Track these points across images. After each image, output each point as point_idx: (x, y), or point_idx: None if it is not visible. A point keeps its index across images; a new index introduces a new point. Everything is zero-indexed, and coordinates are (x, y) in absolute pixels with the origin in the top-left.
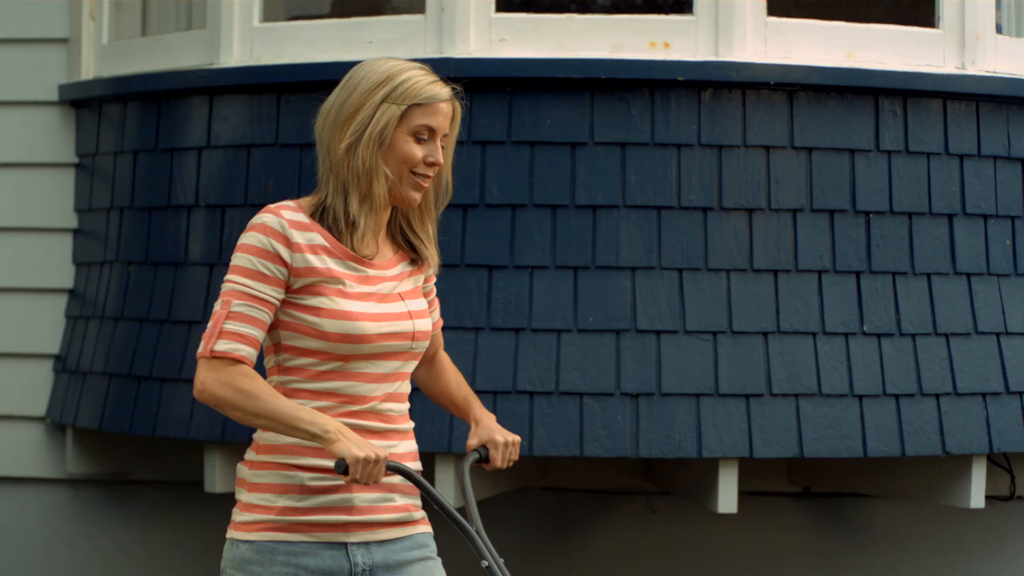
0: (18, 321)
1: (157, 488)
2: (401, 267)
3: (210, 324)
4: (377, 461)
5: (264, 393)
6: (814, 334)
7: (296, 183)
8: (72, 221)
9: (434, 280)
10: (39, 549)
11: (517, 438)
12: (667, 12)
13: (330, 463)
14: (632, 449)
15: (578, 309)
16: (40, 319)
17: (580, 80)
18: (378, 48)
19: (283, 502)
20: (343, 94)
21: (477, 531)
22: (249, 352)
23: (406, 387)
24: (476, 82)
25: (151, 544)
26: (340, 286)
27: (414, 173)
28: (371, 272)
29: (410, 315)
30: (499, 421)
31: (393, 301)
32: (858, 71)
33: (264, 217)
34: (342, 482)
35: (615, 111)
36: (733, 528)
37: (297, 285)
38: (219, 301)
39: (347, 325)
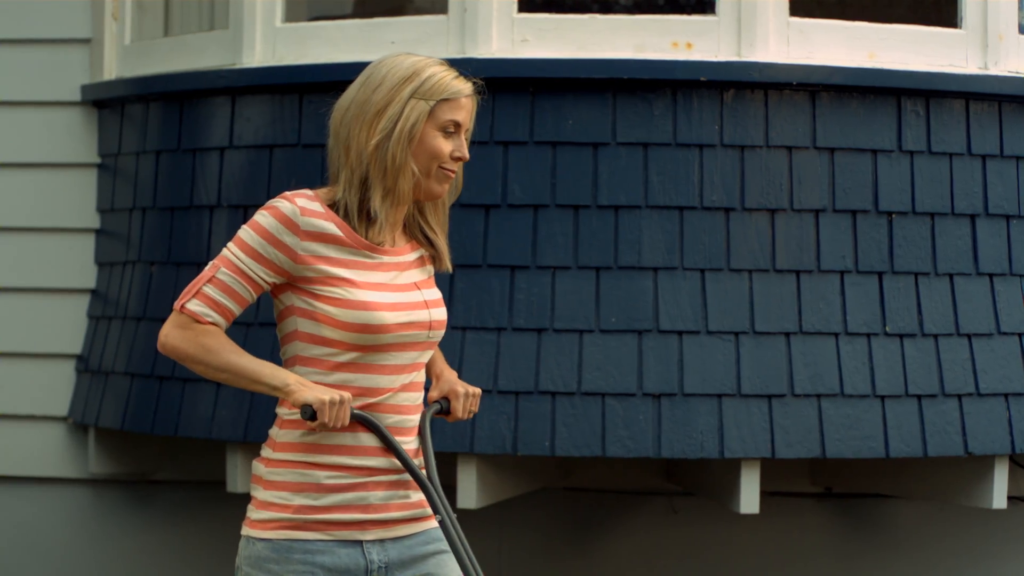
0: (41, 321)
1: (179, 488)
2: (414, 255)
3: (193, 281)
4: (343, 402)
5: (227, 349)
6: (836, 335)
7: (319, 183)
8: (94, 221)
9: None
10: (61, 549)
11: (478, 390)
12: (689, 12)
13: (348, 460)
14: (654, 449)
15: (600, 309)
16: (62, 319)
17: (602, 80)
18: (400, 48)
19: (299, 500)
20: (365, 90)
21: (433, 485)
22: (218, 320)
23: (421, 376)
24: (498, 82)
25: (173, 544)
26: (352, 275)
27: (441, 167)
28: (385, 259)
29: (426, 304)
30: (521, 421)
31: (409, 290)
32: (880, 71)
33: (279, 202)
34: (359, 480)
35: (637, 111)
36: (755, 529)
37: (308, 274)
38: (212, 263)
39: (364, 315)
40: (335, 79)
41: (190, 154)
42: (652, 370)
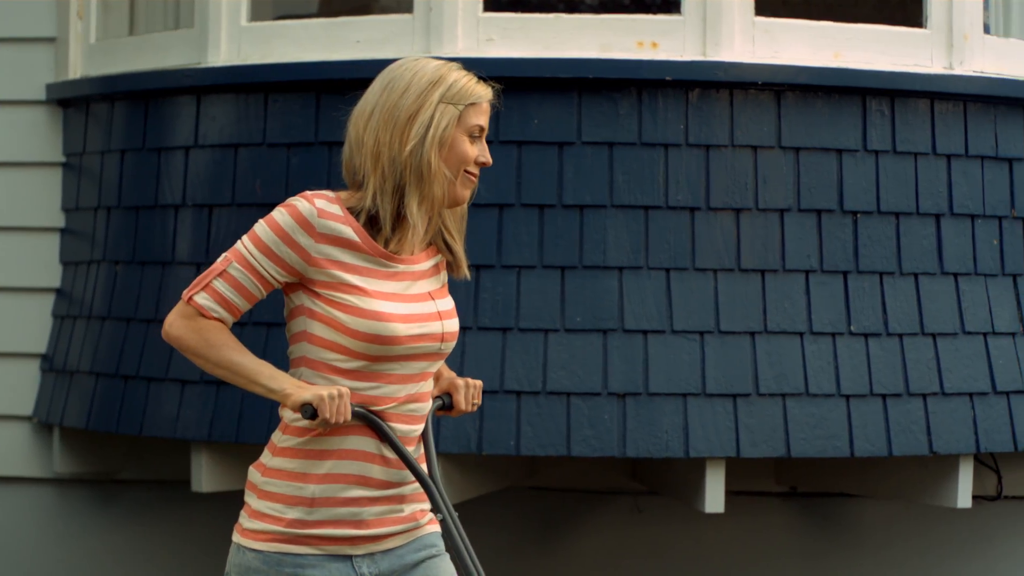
0: (5, 320)
1: (144, 487)
2: (429, 263)
3: (205, 272)
4: (341, 396)
5: (228, 345)
6: (801, 334)
7: (284, 182)
8: (59, 220)
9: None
10: (26, 548)
11: (479, 382)
12: (655, 12)
13: (347, 467)
14: (619, 449)
15: (565, 309)
16: (27, 318)
17: (568, 80)
18: (366, 48)
19: (293, 514)
20: (390, 95)
21: (435, 483)
22: (224, 316)
23: (428, 386)
24: None
25: (138, 543)
26: (364, 284)
27: (466, 172)
28: (400, 268)
29: (439, 315)
30: (486, 421)
31: (423, 301)
32: (846, 71)
33: (298, 201)
34: (352, 494)
35: (603, 111)
36: (720, 528)
37: (320, 277)
38: (224, 255)
39: (376, 326)
40: (300, 78)
41: (155, 153)
42: (617, 369)
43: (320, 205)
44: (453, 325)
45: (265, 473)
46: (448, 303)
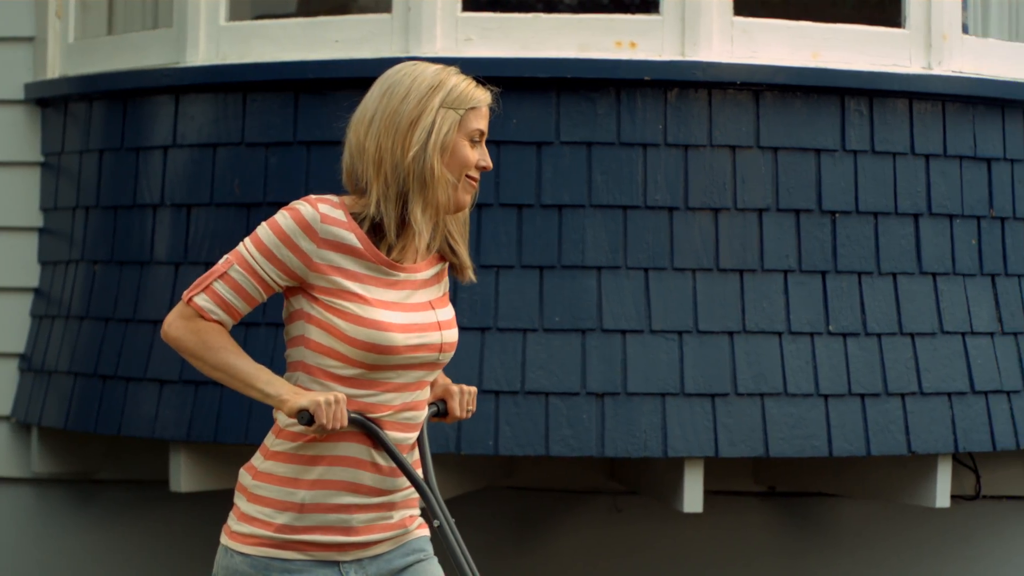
0: None
1: (122, 487)
2: (431, 271)
3: (206, 273)
4: (338, 401)
5: (227, 348)
6: (780, 334)
7: (262, 182)
8: (37, 220)
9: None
10: (4, 548)
11: (473, 388)
12: (633, 12)
13: (338, 473)
14: (597, 448)
15: (544, 309)
16: (5, 318)
17: (546, 80)
18: (344, 47)
19: (282, 519)
20: (390, 101)
21: (432, 489)
22: (224, 319)
23: (425, 395)
24: None
25: (116, 543)
26: (365, 292)
27: (467, 177)
28: (401, 276)
29: (439, 326)
30: (464, 420)
31: (423, 310)
32: (824, 71)
33: (301, 205)
34: (342, 501)
35: (581, 111)
36: (698, 527)
37: (321, 283)
38: (225, 257)
39: (375, 335)
40: (279, 78)
41: (133, 153)
42: (596, 369)
43: (324, 210)
44: (452, 335)
45: (256, 476)
46: (448, 312)
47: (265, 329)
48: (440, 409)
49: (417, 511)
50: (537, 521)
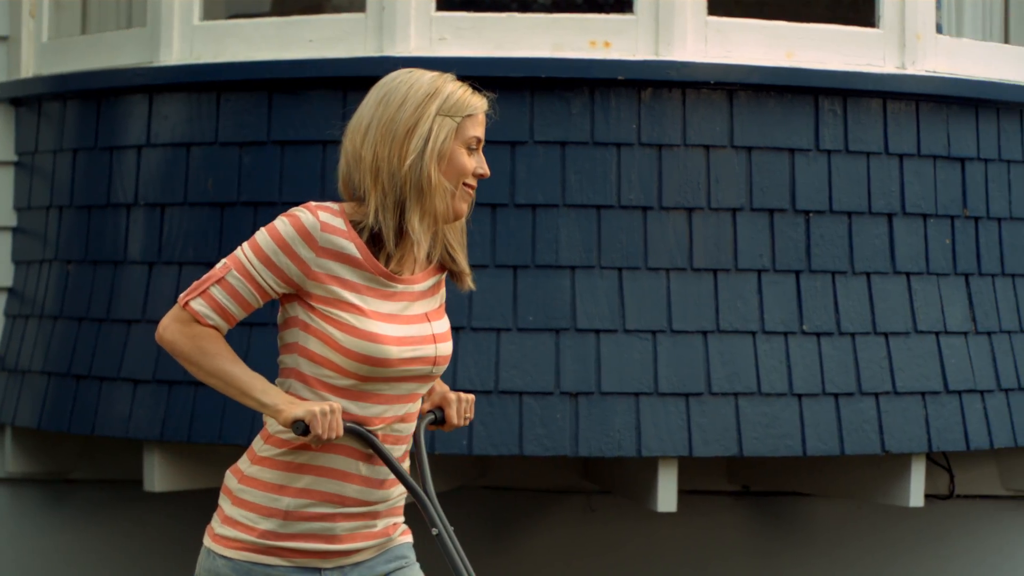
0: None
1: (96, 487)
2: (429, 282)
3: (203, 278)
4: (334, 411)
5: (222, 355)
6: (754, 333)
7: (236, 181)
8: (11, 219)
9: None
10: None
11: (471, 396)
12: (607, 11)
13: (324, 485)
14: (571, 448)
15: (517, 308)
16: None
17: (520, 79)
18: (318, 47)
19: (266, 525)
20: (386, 109)
21: (429, 497)
22: (219, 324)
23: (417, 406)
24: None
25: (90, 543)
26: (362, 303)
27: (464, 184)
28: (399, 288)
29: (434, 339)
30: None
31: (419, 322)
32: (798, 71)
33: (301, 212)
34: (327, 510)
35: (555, 110)
36: (672, 527)
37: (318, 292)
38: (223, 261)
39: (370, 347)
40: (253, 77)
41: (107, 152)
42: (569, 369)
43: (324, 218)
44: (447, 348)
45: (242, 480)
46: (443, 325)
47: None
48: (438, 417)
49: (401, 519)
50: (511, 521)
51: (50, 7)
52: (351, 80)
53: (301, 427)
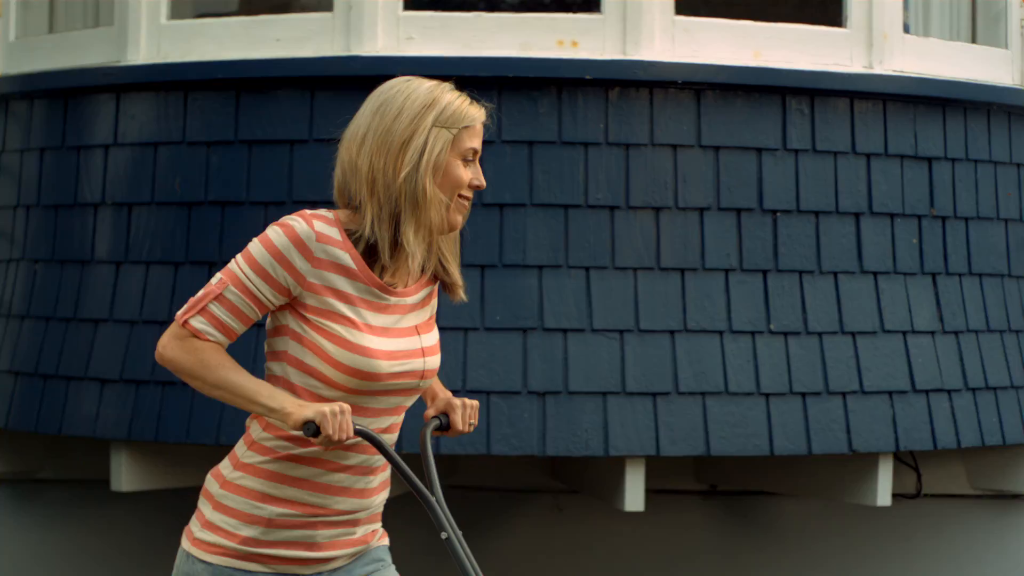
0: None
1: (63, 487)
2: (421, 294)
3: (200, 294)
4: (344, 412)
5: (225, 366)
6: (721, 332)
7: (203, 181)
8: None
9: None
10: None
11: (475, 402)
12: (575, 11)
13: (306, 496)
14: (539, 447)
15: (485, 307)
16: None
17: (488, 79)
18: (286, 46)
19: (246, 531)
20: (382, 119)
21: (438, 501)
22: (221, 340)
23: (401, 418)
24: (383, 81)
25: (57, 543)
26: (355, 315)
27: (460, 196)
28: (392, 300)
29: (423, 352)
30: (405, 419)
31: (408, 336)
32: (766, 70)
33: (295, 221)
34: (308, 519)
35: (522, 109)
36: (640, 526)
37: (311, 302)
38: (218, 276)
39: (360, 360)
40: (220, 76)
41: (75, 151)
42: (537, 368)
43: (319, 227)
44: (434, 362)
45: (224, 486)
46: (432, 338)
47: None
48: (443, 423)
49: (379, 525)
50: (479, 520)
51: (17, 6)
52: (319, 79)
53: (312, 428)
